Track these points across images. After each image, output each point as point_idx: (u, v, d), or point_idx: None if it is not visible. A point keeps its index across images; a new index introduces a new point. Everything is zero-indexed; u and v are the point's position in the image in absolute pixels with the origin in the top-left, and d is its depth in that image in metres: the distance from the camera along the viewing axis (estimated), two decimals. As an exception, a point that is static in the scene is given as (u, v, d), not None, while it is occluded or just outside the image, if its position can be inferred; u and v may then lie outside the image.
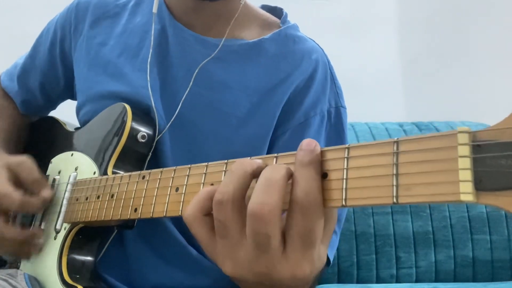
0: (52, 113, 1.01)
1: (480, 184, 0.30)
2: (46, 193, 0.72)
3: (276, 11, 0.89)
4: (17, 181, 0.73)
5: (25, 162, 0.74)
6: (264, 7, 0.90)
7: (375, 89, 1.81)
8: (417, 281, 1.34)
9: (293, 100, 0.78)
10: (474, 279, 1.35)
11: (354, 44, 1.84)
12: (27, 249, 0.72)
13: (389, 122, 1.56)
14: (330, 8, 1.90)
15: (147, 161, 0.74)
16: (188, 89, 0.76)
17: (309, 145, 0.39)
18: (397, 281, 1.34)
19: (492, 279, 1.35)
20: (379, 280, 1.34)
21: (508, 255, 1.36)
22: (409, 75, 1.90)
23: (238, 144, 0.75)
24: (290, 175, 0.39)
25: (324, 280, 1.30)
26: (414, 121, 1.58)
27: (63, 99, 0.98)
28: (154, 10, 0.79)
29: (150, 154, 0.74)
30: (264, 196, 0.38)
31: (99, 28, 0.85)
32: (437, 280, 1.35)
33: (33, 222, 0.78)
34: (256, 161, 0.42)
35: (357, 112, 1.08)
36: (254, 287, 0.43)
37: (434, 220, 1.38)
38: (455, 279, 1.35)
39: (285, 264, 0.39)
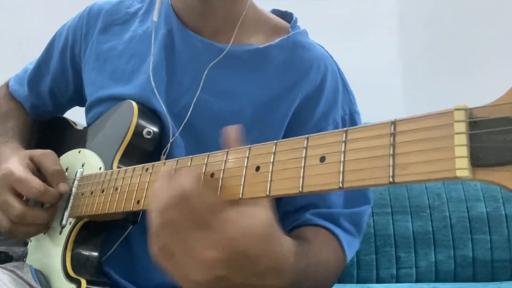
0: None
1: (477, 160, 0.30)
2: (63, 187, 0.72)
3: (287, 16, 0.87)
4: (37, 172, 0.73)
5: (50, 154, 0.76)
6: (274, 12, 0.88)
7: (375, 89, 1.80)
8: (417, 281, 1.34)
9: (303, 110, 0.76)
10: (474, 279, 1.35)
11: (354, 43, 1.84)
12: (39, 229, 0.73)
13: (389, 123, 1.55)
14: (330, 8, 1.90)
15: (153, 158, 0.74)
16: (196, 96, 0.75)
17: None
18: (397, 281, 1.34)
19: (492, 279, 1.35)
20: (379, 280, 1.34)
21: (508, 255, 1.36)
22: (409, 75, 1.90)
23: None
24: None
25: (324, 280, 1.30)
26: (414, 122, 1.58)
27: (71, 105, 0.98)
28: (155, 18, 0.79)
29: (164, 156, 0.74)
30: None
31: (109, 34, 0.85)
32: (437, 280, 1.35)
33: None
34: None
35: (357, 111, 1.08)
36: None
37: (434, 220, 1.38)
38: (455, 279, 1.35)
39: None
